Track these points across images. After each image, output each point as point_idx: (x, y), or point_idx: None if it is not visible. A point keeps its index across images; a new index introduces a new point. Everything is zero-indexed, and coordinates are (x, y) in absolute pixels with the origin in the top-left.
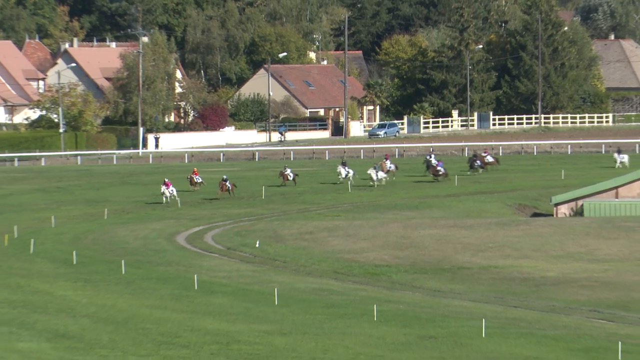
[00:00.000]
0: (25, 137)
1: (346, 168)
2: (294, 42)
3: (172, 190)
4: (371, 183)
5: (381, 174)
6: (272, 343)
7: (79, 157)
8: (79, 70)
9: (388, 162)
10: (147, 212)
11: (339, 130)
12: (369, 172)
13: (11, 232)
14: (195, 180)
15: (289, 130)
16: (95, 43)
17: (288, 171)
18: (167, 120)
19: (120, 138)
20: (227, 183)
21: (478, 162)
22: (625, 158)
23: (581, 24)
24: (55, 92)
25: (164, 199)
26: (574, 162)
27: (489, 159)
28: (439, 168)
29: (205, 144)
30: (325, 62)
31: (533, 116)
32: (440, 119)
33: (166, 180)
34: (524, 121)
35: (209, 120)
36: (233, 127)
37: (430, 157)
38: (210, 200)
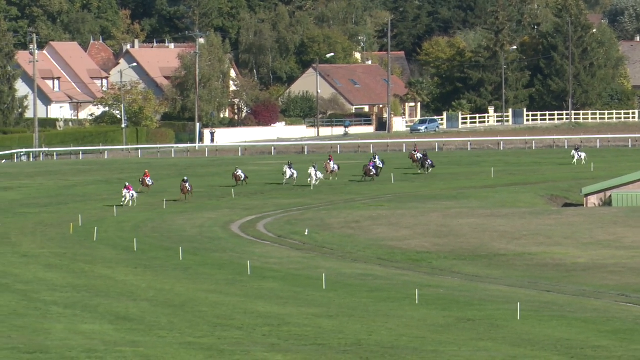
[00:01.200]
0: (89, 132)
1: (291, 169)
2: (341, 43)
3: (132, 194)
4: (310, 181)
5: (319, 174)
6: (319, 325)
7: (139, 151)
8: (139, 70)
9: (332, 162)
10: (203, 202)
11: (382, 125)
12: (309, 171)
13: (76, 221)
14: (147, 182)
15: (335, 125)
16: (155, 44)
17: (239, 172)
18: (222, 116)
19: (178, 133)
20: (187, 185)
21: (429, 161)
22: (582, 155)
23: (609, 26)
24: (118, 90)
25: (124, 201)
26: (602, 156)
27: (419, 155)
28: (370, 167)
29: (258, 138)
30: (369, 62)
31: (564, 112)
32: (477, 115)
33: (127, 184)
34: (556, 117)
35: (261, 116)
36: (284, 123)
37: (375, 158)
38: (262, 192)
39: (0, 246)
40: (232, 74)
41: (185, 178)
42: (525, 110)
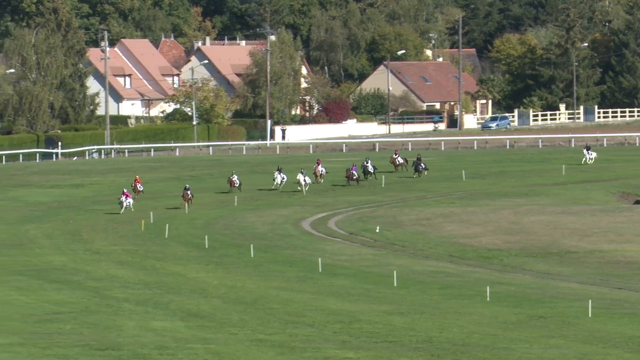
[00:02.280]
0: (160, 129)
1: (281, 174)
2: (412, 40)
3: (129, 202)
4: (299, 188)
5: (308, 179)
6: (391, 322)
7: (210, 148)
8: (211, 67)
9: (320, 166)
10: (275, 199)
11: (453, 122)
12: (297, 177)
13: (147, 218)
14: (138, 188)
15: (407, 122)
16: (226, 41)
17: (235, 177)
18: (293, 113)
19: (249, 130)
20: (189, 192)
21: (422, 165)
22: (593, 155)
23: None
24: (189, 87)
25: (122, 209)
26: None
27: (400, 160)
28: (352, 172)
29: (329, 135)
30: (440, 59)
31: (635, 109)
32: (548, 112)
33: (125, 190)
34: (627, 114)
35: (332, 113)
36: (355, 120)
37: (367, 163)
38: (334, 189)
39: (72, 243)
40: (303, 71)
41: (187, 185)
42: (596, 107)
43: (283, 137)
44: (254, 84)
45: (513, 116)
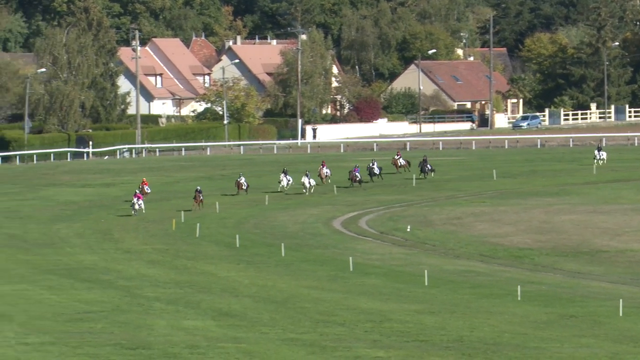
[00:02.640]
0: (191, 128)
1: (287, 176)
2: (443, 39)
3: (140, 203)
4: (304, 191)
5: (312, 182)
6: (421, 322)
7: (241, 147)
8: (241, 66)
9: (325, 168)
10: (305, 198)
11: (484, 122)
12: (302, 180)
13: (178, 217)
14: (146, 190)
15: (438, 122)
16: (257, 41)
17: (242, 180)
18: (324, 112)
19: (280, 129)
20: (200, 194)
21: (428, 166)
22: (604, 155)
23: None
24: (220, 86)
25: (133, 211)
26: None
27: (401, 161)
28: (355, 173)
29: (360, 134)
30: (471, 59)
31: None
32: (579, 112)
33: (137, 191)
34: None
35: (363, 112)
36: (385, 119)
37: (373, 164)
38: (364, 188)
39: (103, 242)
40: (334, 70)
41: (198, 187)
42: (627, 106)
43: (314, 137)
44: (285, 83)
45: (544, 115)
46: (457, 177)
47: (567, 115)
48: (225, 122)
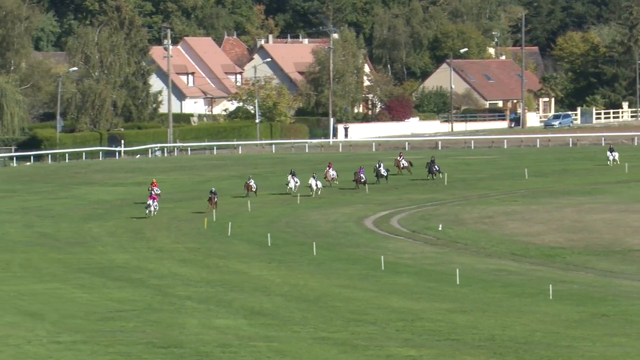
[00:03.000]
0: (223, 127)
1: (295, 178)
2: (474, 38)
3: (155, 205)
4: (311, 193)
5: (319, 184)
6: (453, 320)
7: (273, 146)
8: (273, 65)
9: (331, 170)
10: (337, 197)
11: (516, 120)
12: (309, 181)
13: (210, 216)
14: (155, 192)
15: (469, 120)
16: (289, 39)
17: (252, 182)
18: (355, 111)
19: (311, 128)
20: (215, 197)
21: (436, 167)
22: (616, 156)
23: None
24: (252, 85)
25: (147, 212)
26: None
27: (404, 163)
28: (361, 175)
29: (391, 133)
30: (503, 57)
31: None
32: (611, 110)
33: (152, 193)
34: None
35: (394, 111)
36: (417, 118)
37: (380, 166)
38: (396, 187)
39: (135, 241)
40: (366, 69)
41: (213, 189)
42: None
43: (346, 135)
44: (317, 82)
45: (576, 114)
46: (488, 176)
47: (599, 114)
48: (257, 120)
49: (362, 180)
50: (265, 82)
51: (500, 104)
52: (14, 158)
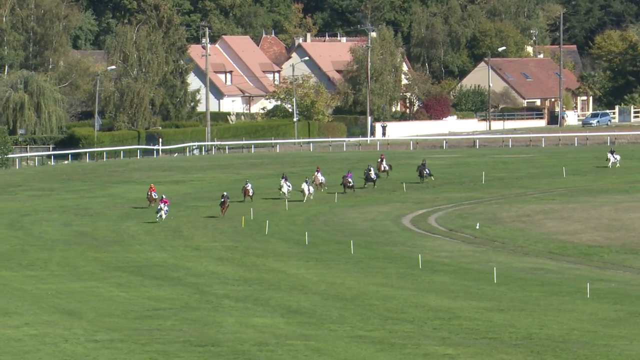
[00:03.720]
0: (261, 126)
1: (287, 182)
2: (512, 37)
3: (166, 210)
4: (303, 198)
5: (311, 188)
6: (490, 319)
7: (311, 144)
8: (311, 64)
9: (319, 174)
10: (375, 195)
11: (554, 119)
12: (302, 186)
13: (247, 214)
14: (153, 196)
15: (507, 119)
16: (326, 38)
17: (249, 186)
18: (393, 109)
19: (349, 126)
20: (227, 200)
21: (427, 170)
22: (618, 158)
23: None
24: (290, 83)
25: (158, 217)
26: None
27: (385, 166)
28: (348, 179)
29: (429, 132)
30: (541, 56)
31: None
32: None
33: (164, 196)
34: None
35: (432, 110)
36: (455, 117)
37: (370, 170)
38: (434, 185)
39: (172, 239)
40: (404, 67)
41: (225, 193)
42: None
43: (383, 134)
44: (355, 80)
45: (614, 113)
46: (526, 175)
47: (638, 112)
48: (294, 119)
49: (350, 184)
50: (303, 81)
51: (538, 102)
52: (52, 157)
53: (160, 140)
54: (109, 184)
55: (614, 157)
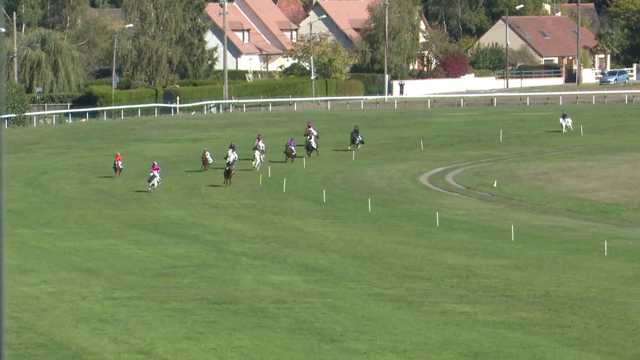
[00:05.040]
0: (279, 84)
1: (234, 153)
2: None
3: (159, 178)
4: (253, 164)
5: (262, 157)
6: (508, 277)
7: (328, 103)
8: (329, 22)
9: (260, 142)
10: (392, 153)
11: (572, 77)
12: (255, 153)
13: (265, 173)
14: (119, 166)
15: (525, 77)
16: None
17: (208, 155)
18: (411, 68)
19: (367, 85)
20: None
21: (359, 137)
22: (569, 122)
23: None
24: (307, 42)
25: (151, 186)
26: None
27: (314, 132)
28: (291, 147)
29: (447, 90)
30: (559, 14)
31: None
32: None
33: (155, 163)
34: None
35: (450, 68)
36: (472, 75)
37: (310, 138)
38: (451, 144)
39: (190, 197)
40: (422, 25)
41: (229, 160)
42: None
43: (401, 92)
44: (372, 38)
45: (632, 71)
46: (544, 133)
47: None
48: (312, 77)
49: (293, 153)
50: (320, 39)
51: (555, 60)
52: (70, 114)
53: (178, 98)
54: (126, 142)
55: (565, 121)
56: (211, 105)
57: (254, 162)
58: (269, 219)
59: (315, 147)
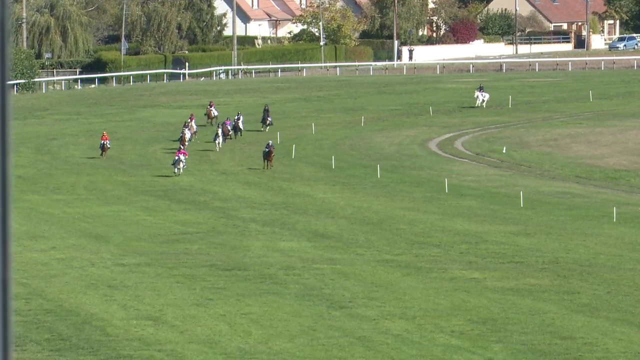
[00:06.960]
0: (288, 50)
1: (188, 128)
2: None
3: (185, 162)
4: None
5: (221, 139)
6: (517, 243)
7: (337, 68)
8: None
9: (212, 108)
10: (402, 119)
11: (581, 43)
12: (217, 130)
13: (274, 139)
14: (108, 145)
15: (534, 43)
16: None
17: (212, 108)
18: (420, 33)
19: (376, 50)
20: (213, 109)
21: (269, 118)
22: (486, 96)
23: None
24: (316, 7)
25: (176, 170)
26: None
27: (214, 112)
28: (228, 127)
29: (456, 56)
30: None
31: None
32: None
33: (182, 147)
34: None
35: (459, 33)
36: (482, 40)
37: (238, 118)
38: (461, 109)
39: (199, 164)
40: None
41: (270, 142)
42: None
43: (410, 58)
44: (381, 4)
45: None
46: (553, 99)
47: None
48: (321, 43)
49: (229, 132)
50: (329, 5)
51: (564, 26)
52: (79, 80)
53: (187, 64)
54: (135, 108)
55: (482, 94)
56: (220, 71)
57: (217, 145)
58: (278, 185)
59: (242, 128)
